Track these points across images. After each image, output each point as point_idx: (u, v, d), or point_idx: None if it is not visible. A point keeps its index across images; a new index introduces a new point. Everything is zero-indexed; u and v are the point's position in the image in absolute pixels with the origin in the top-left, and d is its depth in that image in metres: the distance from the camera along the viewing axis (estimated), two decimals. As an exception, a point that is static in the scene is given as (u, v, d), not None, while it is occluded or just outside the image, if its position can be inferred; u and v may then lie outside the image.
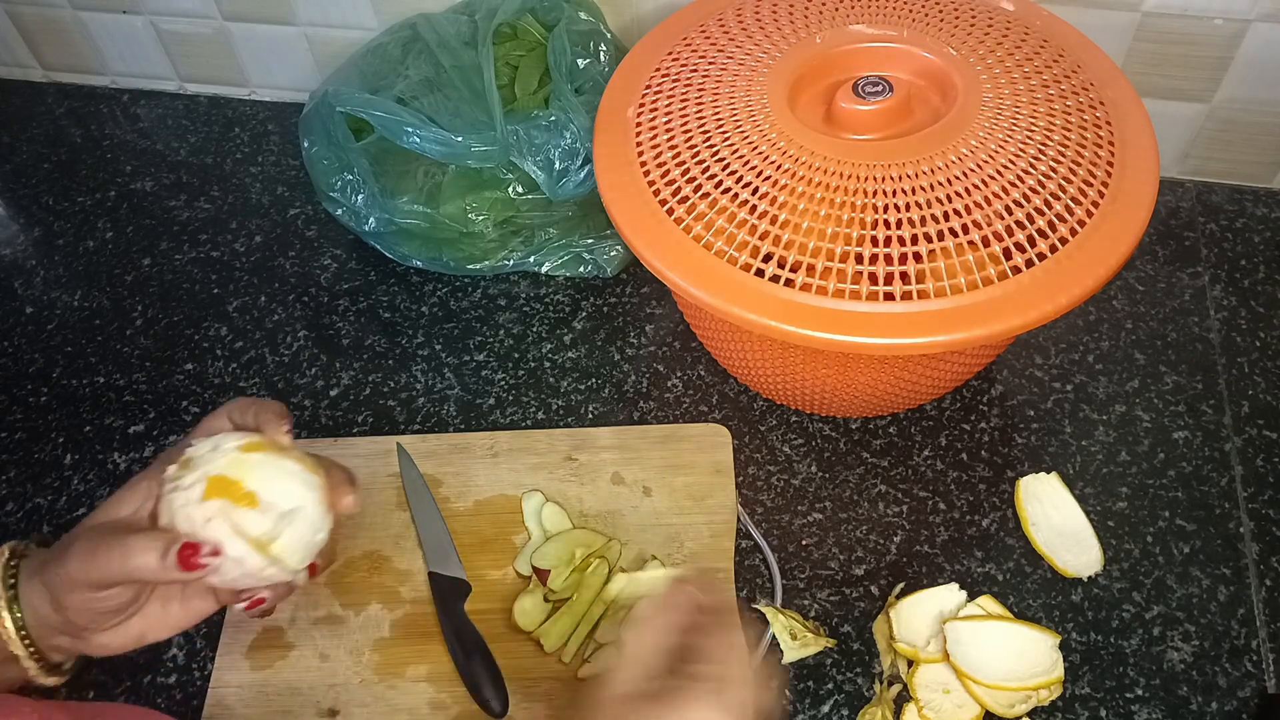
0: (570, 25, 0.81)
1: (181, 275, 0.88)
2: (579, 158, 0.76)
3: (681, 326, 0.82)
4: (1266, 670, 0.64)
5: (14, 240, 0.92)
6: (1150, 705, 0.62)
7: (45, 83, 1.05)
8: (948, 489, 0.72)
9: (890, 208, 0.60)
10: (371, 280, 0.86)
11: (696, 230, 0.63)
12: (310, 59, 0.97)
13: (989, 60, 0.67)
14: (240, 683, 0.64)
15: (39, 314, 0.86)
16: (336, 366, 0.81)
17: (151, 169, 0.96)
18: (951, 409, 0.76)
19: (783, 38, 0.70)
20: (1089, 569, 0.67)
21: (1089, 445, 0.73)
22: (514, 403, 0.78)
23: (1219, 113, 0.83)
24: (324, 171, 0.80)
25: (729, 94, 0.67)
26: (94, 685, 0.65)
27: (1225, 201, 0.87)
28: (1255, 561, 0.68)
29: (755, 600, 0.67)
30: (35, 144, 0.99)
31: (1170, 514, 0.70)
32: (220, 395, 0.79)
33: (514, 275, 0.86)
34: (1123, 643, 0.65)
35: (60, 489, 0.75)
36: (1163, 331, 0.79)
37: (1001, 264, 0.59)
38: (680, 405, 0.77)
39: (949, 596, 0.66)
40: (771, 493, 0.72)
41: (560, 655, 0.64)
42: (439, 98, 0.78)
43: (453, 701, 0.63)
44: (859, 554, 0.69)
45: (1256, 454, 0.72)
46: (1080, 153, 0.62)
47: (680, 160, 0.65)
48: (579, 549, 0.66)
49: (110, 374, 0.81)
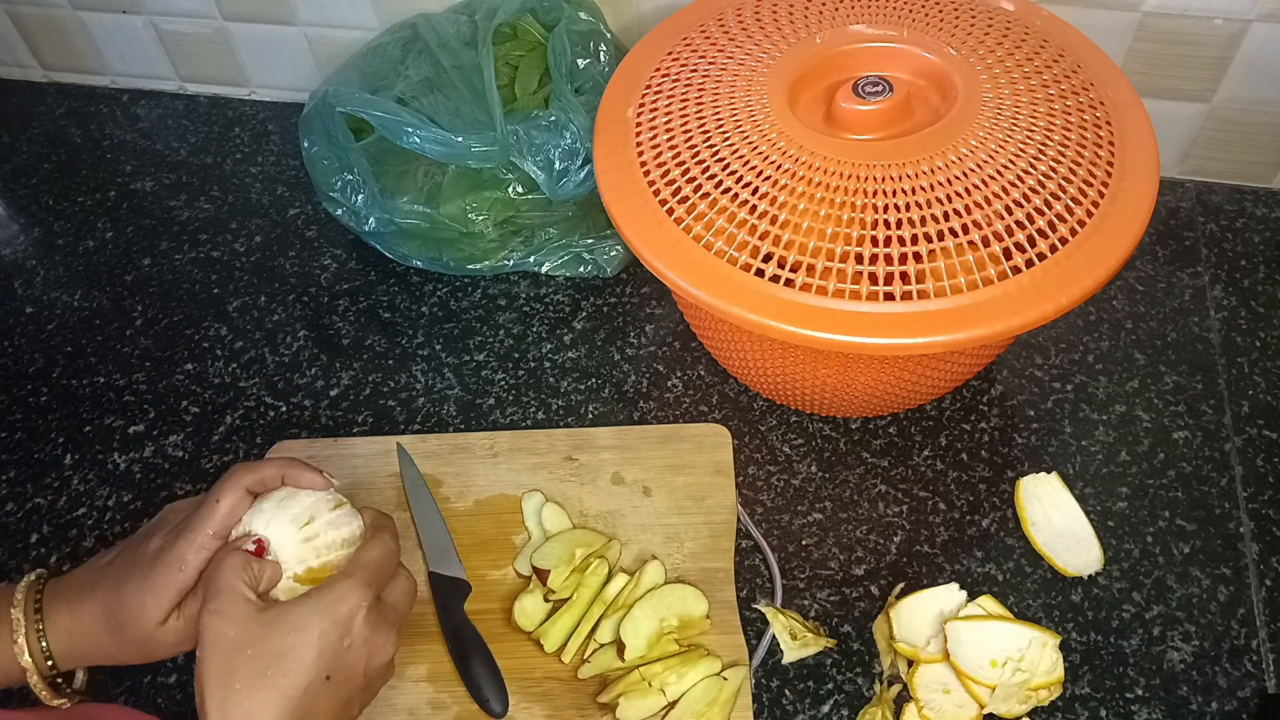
0: (570, 25, 0.81)
1: (181, 275, 0.88)
2: (579, 158, 0.76)
3: (681, 326, 0.82)
4: (1266, 670, 0.64)
5: (14, 240, 0.92)
6: (1150, 705, 0.62)
7: (45, 83, 1.05)
8: (948, 489, 0.72)
9: (890, 208, 0.60)
10: (371, 280, 0.86)
11: (696, 230, 0.62)
12: (310, 59, 0.97)
13: (989, 60, 0.67)
14: (240, 683, 0.64)
15: (39, 314, 0.86)
16: (336, 366, 0.81)
17: (151, 169, 0.96)
18: (951, 409, 0.76)
19: (783, 38, 0.70)
20: (1089, 569, 0.67)
21: (1089, 445, 0.73)
22: (514, 403, 0.78)
23: (1219, 113, 0.83)
24: (324, 171, 0.80)
25: (729, 94, 0.67)
26: (94, 685, 0.65)
27: (1225, 201, 0.87)
28: (1255, 561, 0.68)
29: (755, 600, 0.67)
30: (35, 144, 0.99)
31: (1170, 514, 0.70)
32: (220, 395, 0.79)
33: (514, 275, 0.86)
34: (1123, 643, 0.65)
35: (60, 489, 0.75)
36: (1163, 331, 0.79)
37: (1001, 264, 0.59)
38: (680, 405, 0.77)
39: (949, 596, 0.66)
40: (771, 493, 0.72)
41: (560, 655, 0.64)
42: (439, 98, 0.78)
43: (453, 701, 0.63)
44: (859, 554, 0.69)
45: (1256, 454, 0.73)
46: (1080, 153, 0.62)
47: (680, 160, 0.65)
48: (579, 549, 0.66)
49: (110, 374, 0.81)
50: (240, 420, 0.78)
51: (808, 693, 0.64)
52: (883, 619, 0.66)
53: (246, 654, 0.48)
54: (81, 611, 0.53)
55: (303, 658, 0.48)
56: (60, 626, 0.53)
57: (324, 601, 0.50)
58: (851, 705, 0.63)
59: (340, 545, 0.54)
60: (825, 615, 0.67)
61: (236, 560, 0.51)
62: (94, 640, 0.53)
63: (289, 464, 0.56)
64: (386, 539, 0.55)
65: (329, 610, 0.50)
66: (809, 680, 0.64)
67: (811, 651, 0.65)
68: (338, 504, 0.56)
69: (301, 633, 0.49)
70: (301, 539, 0.53)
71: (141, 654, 0.53)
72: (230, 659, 0.48)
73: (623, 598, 0.65)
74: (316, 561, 0.53)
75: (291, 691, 0.48)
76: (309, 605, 0.50)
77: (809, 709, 0.63)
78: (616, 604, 0.65)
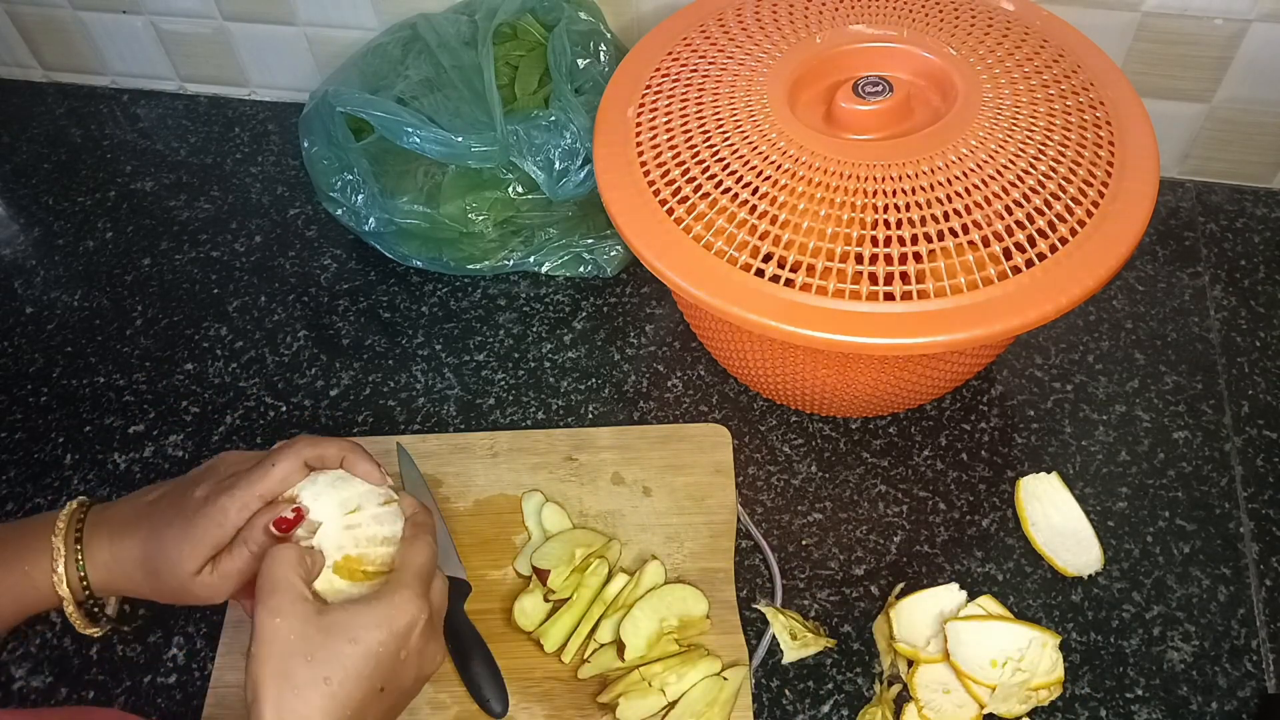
0: (570, 25, 0.81)
1: (181, 275, 0.88)
2: (579, 158, 0.76)
3: (681, 326, 0.82)
4: (1266, 670, 0.64)
5: (14, 240, 0.92)
6: (1150, 705, 0.62)
7: (45, 83, 1.05)
8: (948, 489, 0.72)
9: (890, 208, 0.60)
10: (371, 280, 0.86)
11: (696, 230, 0.63)
12: (310, 59, 0.97)
13: (989, 60, 0.67)
14: (240, 683, 0.64)
15: (39, 314, 0.86)
16: (336, 366, 0.81)
17: (151, 169, 0.96)
18: (951, 409, 0.76)
19: (783, 38, 0.70)
20: (1089, 569, 0.67)
21: (1089, 445, 0.73)
22: (514, 403, 0.78)
23: (1219, 113, 0.83)
24: (324, 171, 0.80)
25: (729, 94, 0.67)
26: (94, 685, 0.66)
27: (1225, 201, 0.87)
28: (1255, 561, 0.68)
29: (755, 600, 0.67)
30: (35, 144, 0.99)
31: (1170, 514, 0.70)
32: (220, 395, 0.79)
33: (514, 275, 0.86)
34: (1123, 643, 0.65)
35: (60, 489, 0.75)
36: (1163, 331, 0.79)
37: (1001, 264, 0.59)
38: (680, 405, 0.77)
39: (949, 596, 0.66)
40: (771, 493, 0.72)
41: (560, 655, 0.64)
42: (439, 98, 0.78)
43: (453, 701, 0.63)
44: (859, 554, 0.69)
45: (1256, 454, 0.72)
46: (1080, 153, 0.62)
47: (680, 160, 0.65)
48: (579, 549, 0.66)
49: (110, 374, 0.81)
50: (240, 420, 0.78)
51: (808, 693, 0.64)
52: (883, 619, 0.66)
53: (304, 659, 0.47)
54: (121, 548, 0.53)
55: (360, 669, 0.48)
56: (99, 560, 0.53)
57: (384, 614, 0.50)
58: (851, 705, 0.63)
59: (380, 542, 0.54)
60: (825, 615, 0.67)
61: (292, 555, 0.50)
62: (129, 578, 0.53)
63: (352, 448, 0.56)
64: (430, 540, 0.55)
65: (388, 623, 0.49)
66: (809, 680, 0.64)
67: (811, 651, 0.65)
68: (387, 500, 0.55)
69: (360, 644, 0.48)
70: (344, 525, 0.53)
71: (174, 598, 0.53)
72: (287, 662, 0.47)
73: (623, 598, 0.65)
74: (355, 551, 0.53)
75: (347, 702, 0.47)
76: (369, 616, 0.49)
77: (809, 709, 0.63)
78: (616, 604, 0.65)
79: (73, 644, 0.67)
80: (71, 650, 0.67)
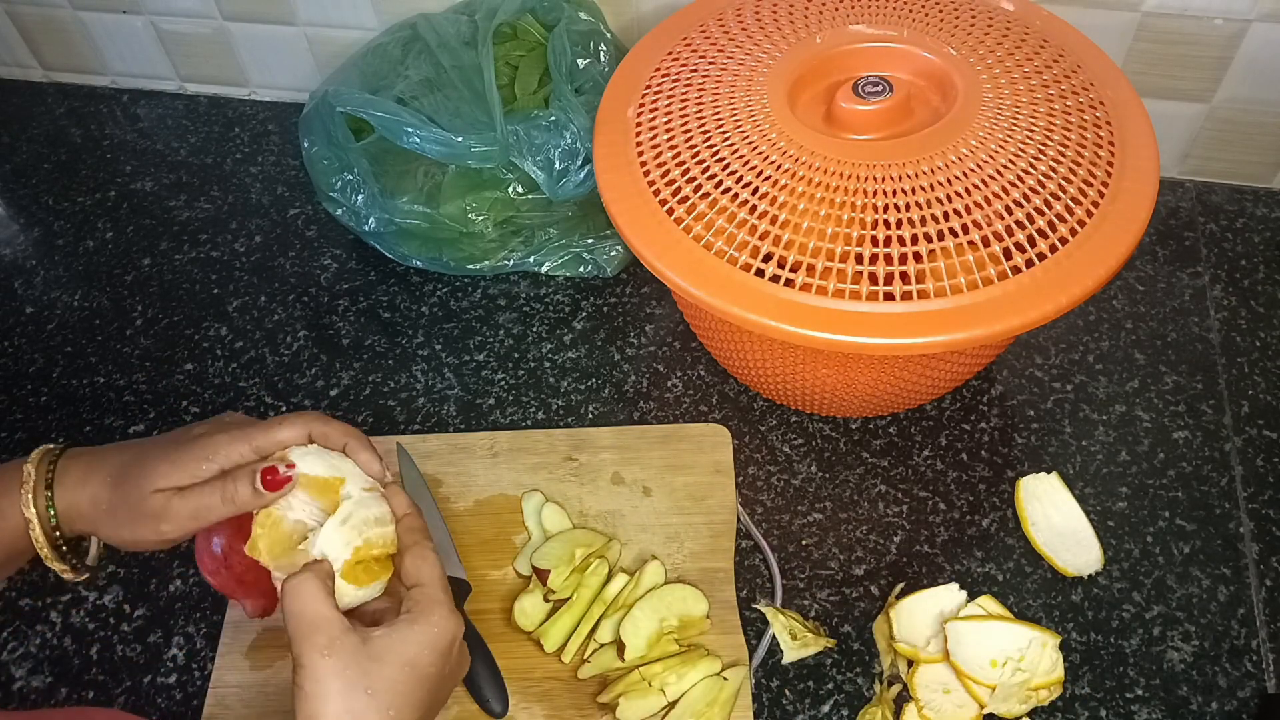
0: (570, 25, 0.81)
1: (181, 275, 0.88)
2: (579, 158, 0.76)
3: (681, 326, 0.82)
4: (1266, 670, 0.64)
5: (14, 240, 0.92)
6: (1150, 705, 0.62)
7: (45, 83, 1.05)
8: (948, 489, 0.72)
9: (890, 208, 0.60)
10: (371, 280, 0.86)
11: (696, 230, 0.63)
12: (310, 59, 0.97)
13: (989, 60, 0.67)
14: (240, 683, 0.64)
15: (39, 314, 0.86)
16: (336, 366, 0.81)
17: (151, 169, 0.96)
18: (951, 409, 0.76)
19: (783, 38, 0.70)
20: (1089, 569, 0.67)
21: (1089, 445, 0.73)
22: (514, 403, 0.78)
23: (1219, 113, 0.83)
24: (324, 171, 0.80)
25: (729, 94, 0.67)
26: (94, 685, 0.66)
27: (1225, 201, 0.87)
28: (1255, 561, 0.68)
29: (755, 600, 0.67)
30: (35, 144, 0.99)
31: (1170, 514, 0.70)
32: (220, 395, 0.79)
33: (514, 275, 0.86)
34: (1123, 643, 0.65)
35: (60, 489, 0.75)
36: (1163, 331, 0.79)
37: (1001, 264, 0.59)
38: (680, 405, 0.77)
39: (949, 596, 0.66)
40: (771, 493, 0.72)
41: (560, 655, 0.64)
42: (439, 98, 0.78)
43: (453, 701, 0.63)
44: (859, 554, 0.69)
45: (1256, 454, 0.73)
46: (1080, 153, 0.62)
47: (680, 160, 0.65)
48: (579, 549, 0.66)
49: (110, 374, 0.81)
50: (240, 420, 0.78)
51: (808, 693, 0.64)
52: (883, 619, 0.66)
53: (366, 692, 0.47)
54: (97, 464, 0.53)
55: (416, 694, 0.48)
56: (69, 480, 0.53)
57: (428, 635, 0.50)
58: (851, 705, 0.63)
59: (375, 522, 0.53)
60: (825, 615, 0.67)
61: (313, 586, 0.49)
62: (93, 499, 0.53)
63: (357, 436, 0.56)
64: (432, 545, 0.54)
65: (434, 644, 0.50)
66: (809, 680, 0.64)
67: (811, 651, 0.65)
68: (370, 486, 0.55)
69: (413, 668, 0.49)
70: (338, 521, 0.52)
71: (127, 516, 0.52)
72: (351, 699, 0.47)
73: (623, 598, 0.65)
74: (360, 540, 0.53)
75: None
76: (415, 639, 0.49)
77: (809, 709, 0.63)
78: (616, 604, 0.65)
79: (73, 644, 0.67)
80: (71, 650, 0.67)
